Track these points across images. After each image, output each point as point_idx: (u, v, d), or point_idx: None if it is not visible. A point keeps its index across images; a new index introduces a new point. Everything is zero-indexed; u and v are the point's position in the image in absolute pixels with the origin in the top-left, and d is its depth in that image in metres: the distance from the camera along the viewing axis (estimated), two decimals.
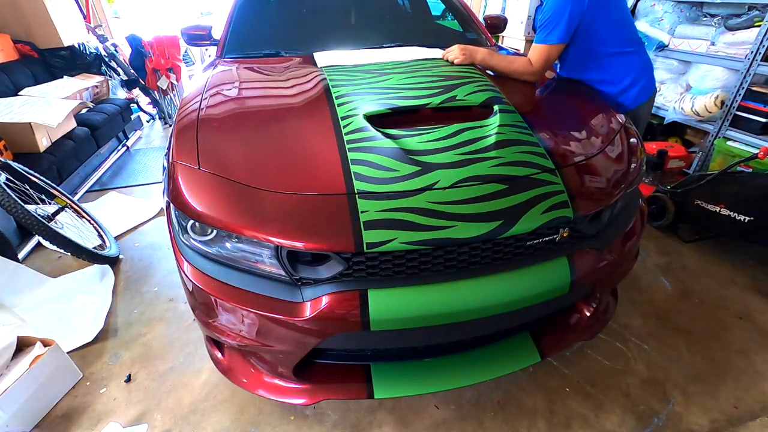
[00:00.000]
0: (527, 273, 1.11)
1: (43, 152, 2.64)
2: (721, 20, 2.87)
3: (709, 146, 2.88)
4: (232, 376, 1.31)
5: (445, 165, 1.12)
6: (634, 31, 1.70)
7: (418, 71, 1.59)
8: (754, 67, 2.59)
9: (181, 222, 1.17)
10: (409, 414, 1.47)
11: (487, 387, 1.56)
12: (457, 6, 2.54)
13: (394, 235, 0.99)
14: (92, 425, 1.46)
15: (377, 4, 2.51)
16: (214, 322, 1.15)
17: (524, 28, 4.33)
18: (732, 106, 2.75)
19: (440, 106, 1.35)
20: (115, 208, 2.79)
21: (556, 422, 1.45)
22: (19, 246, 2.26)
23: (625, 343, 1.75)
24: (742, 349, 1.73)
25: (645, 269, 2.19)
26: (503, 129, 1.25)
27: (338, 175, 1.09)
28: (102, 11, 4.89)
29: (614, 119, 1.47)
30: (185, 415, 1.48)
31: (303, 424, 1.44)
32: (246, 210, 1.05)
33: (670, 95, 3.17)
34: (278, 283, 1.09)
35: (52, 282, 2.07)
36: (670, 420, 1.46)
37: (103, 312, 1.89)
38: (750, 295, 2.03)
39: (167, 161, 1.26)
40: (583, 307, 1.41)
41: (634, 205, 1.41)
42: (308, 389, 1.24)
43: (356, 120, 1.26)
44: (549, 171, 1.16)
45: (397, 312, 1.03)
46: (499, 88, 1.50)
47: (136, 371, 1.65)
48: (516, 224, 1.04)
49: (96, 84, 3.61)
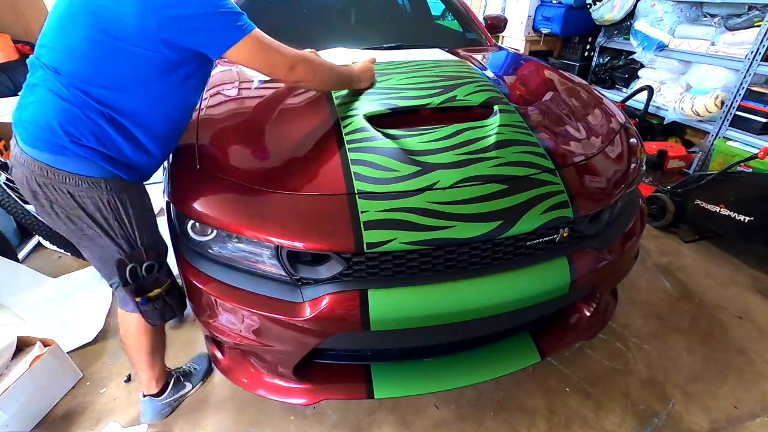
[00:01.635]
0: (527, 273, 1.11)
1: None
2: (721, 20, 2.88)
3: (709, 146, 2.88)
4: (232, 376, 1.31)
5: (445, 165, 1.12)
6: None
7: (418, 71, 1.59)
8: (754, 67, 2.60)
9: (181, 222, 1.17)
10: (409, 414, 1.47)
11: (487, 387, 1.56)
12: (457, 6, 2.54)
13: (394, 235, 0.99)
14: (92, 425, 1.46)
15: (377, 5, 2.50)
16: (215, 322, 1.15)
17: (524, 28, 4.32)
18: (732, 106, 2.75)
19: (440, 106, 1.35)
20: None
21: (556, 422, 1.45)
22: (19, 246, 2.26)
23: (625, 343, 1.75)
24: (742, 349, 1.73)
25: (645, 269, 2.19)
26: (503, 129, 1.25)
27: (338, 175, 1.09)
28: None
29: (614, 119, 1.47)
30: (185, 415, 1.48)
31: (303, 424, 1.44)
32: (246, 210, 1.05)
33: (670, 95, 3.18)
34: (278, 283, 1.09)
35: (52, 282, 2.07)
36: (670, 420, 1.46)
37: (103, 312, 1.89)
38: (750, 295, 2.03)
39: (167, 161, 1.26)
40: (583, 307, 1.41)
41: (634, 205, 1.41)
42: (308, 389, 1.24)
43: (356, 120, 1.26)
44: (549, 171, 1.16)
45: (397, 312, 1.03)
46: (500, 88, 1.50)
47: (136, 371, 1.65)
48: (516, 224, 1.04)
49: None
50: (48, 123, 0.95)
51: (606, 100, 1.60)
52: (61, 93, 0.94)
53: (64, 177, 0.98)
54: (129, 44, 0.94)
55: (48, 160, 0.97)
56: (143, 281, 1.10)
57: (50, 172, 0.98)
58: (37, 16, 3.37)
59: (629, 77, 3.69)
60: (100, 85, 0.96)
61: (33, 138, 0.97)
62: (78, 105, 0.95)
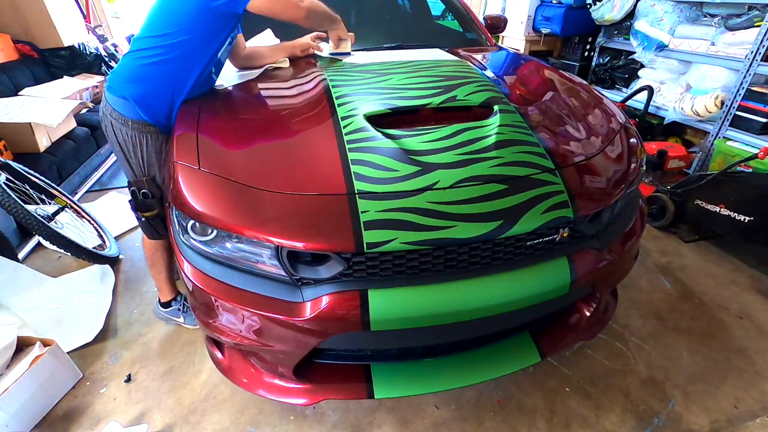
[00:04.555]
0: (527, 273, 1.11)
1: (43, 152, 2.64)
2: (721, 20, 2.88)
3: (709, 146, 2.88)
4: (232, 376, 1.31)
5: (445, 165, 1.12)
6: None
7: (418, 71, 1.59)
8: (754, 67, 2.60)
9: (181, 222, 1.17)
10: (409, 414, 1.47)
11: (487, 387, 1.56)
12: (457, 6, 2.54)
13: (394, 235, 0.99)
14: (92, 425, 1.46)
15: (377, 5, 2.50)
16: (215, 322, 1.15)
17: (524, 28, 4.32)
18: (732, 106, 2.75)
19: (440, 106, 1.35)
20: (115, 208, 2.79)
21: (556, 422, 1.45)
22: (19, 246, 2.26)
23: (625, 343, 1.75)
24: (742, 349, 1.73)
25: (645, 269, 2.19)
26: (503, 129, 1.25)
27: (338, 175, 1.09)
28: (102, 11, 4.89)
29: (614, 119, 1.47)
30: (185, 415, 1.48)
31: (303, 424, 1.44)
32: (246, 210, 1.05)
33: (670, 95, 3.18)
34: (278, 283, 1.09)
35: (52, 282, 2.07)
36: (670, 420, 1.46)
37: (103, 312, 1.89)
38: (750, 295, 2.03)
39: (167, 161, 1.26)
40: (583, 307, 1.41)
41: (634, 205, 1.41)
42: (308, 389, 1.24)
43: (356, 120, 1.26)
44: (549, 171, 1.16)
45: (397, 312, 1.03)
46: (500, 88, 1.50)
47: (136, 371, 1.65)
48: (516, 224, 1.04)
49: (96, 84, 3.61)
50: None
51: (606, 100, 1.60)
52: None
53: (110, 111, 1.38)
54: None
55: (108, 98, 1.40)
56: (140, 203, 1.42)
57: (106, 108, 1.40)
58: (37, 16, 3.37)
59: (629, 77, 3.69)
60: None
61: (108, 83, 1.42)
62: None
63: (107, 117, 1.40)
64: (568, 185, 1.14)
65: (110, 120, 1.39)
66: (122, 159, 1.46)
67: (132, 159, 1.43)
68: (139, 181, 1.41)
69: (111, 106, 1.38)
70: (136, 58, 1.36)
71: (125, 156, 1.44)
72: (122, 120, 1.37)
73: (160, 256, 1.66)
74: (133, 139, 1.40)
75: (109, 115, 1.39)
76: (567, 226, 1.14)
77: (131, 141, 1.40)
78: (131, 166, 1.45)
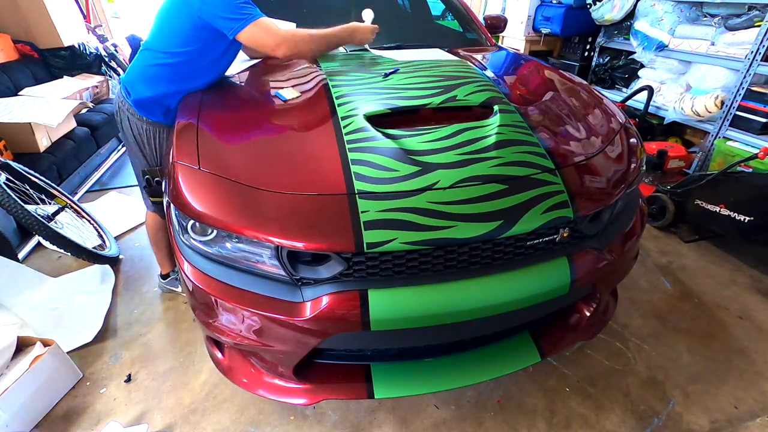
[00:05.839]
0: (527, 273, 1.11)
1: (43, 152, 2.63)
2: (721, 20, 2.88)
3: (709, 146, 2.88)
4: (232, 376, 1.31)
5: (445, 165, 1.12)
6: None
7: (418, 71, 1.59)
8: (754, 67, 2.60)
9: (181, 222, 1.17)
10: (409, 414, 1.47)
11: (487, 387, 1.56)
12: (457, 6, 2.54)
13: (394, 235, 0.99)
14: (92, 425, 1.46)
15: (377, 4, 2.50)
16: (215, 322, 1.15)
17: (524, 28, 4.32)
18: (732, 106, 2.75)
19: (440, 106, 1.35)
20: (115, 208, 2.78)
21: (556, 422, 1.45)
22: (19, 246, 2.26)
23: (625, 343, 1.75)
24: (742, 349, 1.73)
25: (645, 269, 2.19)
26: (503, 129, 1.25)
27: (338, 175, 1.09)
28: (102, 11, 4.89)
29: (614, 119, 1.47)
30: (185, 415, 1.48)
31: (303, 424, 1.44)
32: (246, 210, 1.05)
33: (670, 95, 3.18)
34: (278, 283, 1.09)
35: (52, 282, 2.07)
36: (670, 420, 1.46)
37: (103, 312, 1.89)
38: (750, 295, 2.03)
39: (168, 161, 1.26)
40: (583, 307, 1.41)
41: (634, 205, 1.41)
42: (308, 389, 1.24)
43: (356, 120, 1.26)
44: (549, 171, 1.16)
45: (397, 312, 1.03)
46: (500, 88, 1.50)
47: (136, 371, 1.65)
48: (516, 224, 1.04)
49: (96, 84, 3.61)
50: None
51: (606, 100, 1.60)
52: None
53: (127, 107, 1.52)
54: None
55: (123, 94, 1.53)
56: (153, 190, 1.57)
57: (122, 104, 1.53)
58: (37, 16, 3.37)
59: (629, 77, 3.69)
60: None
61: (122, 83, 1.54)
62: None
63: (123, 111, 1.54)
64: (568, 185, 1.14)
65: (127, 114, 1.53)
66: (136, 150, 1.60)
67: (146, 149, 1.58)
68: (153, 170, 1.57)
69: (127, 103, 1.51)
70: (148, 59, 1.46)
71: (139, 147, 1.58)
72: (138, 116, 1.52)
73: (162, 236, 1.84)
74: (148, 133, 1.55)
75: (126, 110, 1.53)
76: (567, 226, 1.14)
77: (146, 134, 1.55)
78: (145, 156, 1.60)
